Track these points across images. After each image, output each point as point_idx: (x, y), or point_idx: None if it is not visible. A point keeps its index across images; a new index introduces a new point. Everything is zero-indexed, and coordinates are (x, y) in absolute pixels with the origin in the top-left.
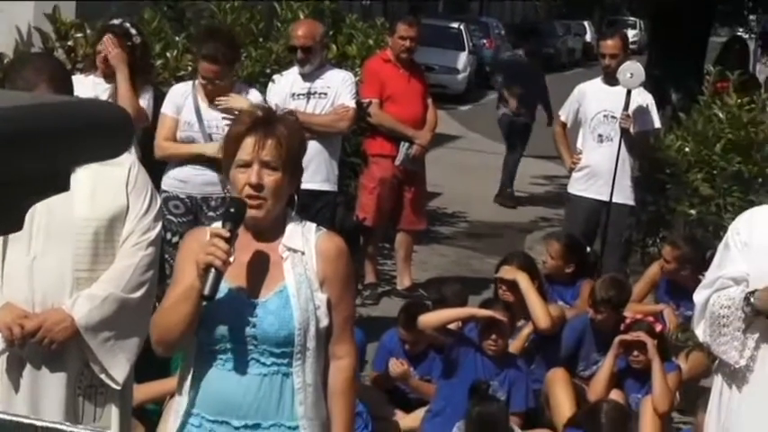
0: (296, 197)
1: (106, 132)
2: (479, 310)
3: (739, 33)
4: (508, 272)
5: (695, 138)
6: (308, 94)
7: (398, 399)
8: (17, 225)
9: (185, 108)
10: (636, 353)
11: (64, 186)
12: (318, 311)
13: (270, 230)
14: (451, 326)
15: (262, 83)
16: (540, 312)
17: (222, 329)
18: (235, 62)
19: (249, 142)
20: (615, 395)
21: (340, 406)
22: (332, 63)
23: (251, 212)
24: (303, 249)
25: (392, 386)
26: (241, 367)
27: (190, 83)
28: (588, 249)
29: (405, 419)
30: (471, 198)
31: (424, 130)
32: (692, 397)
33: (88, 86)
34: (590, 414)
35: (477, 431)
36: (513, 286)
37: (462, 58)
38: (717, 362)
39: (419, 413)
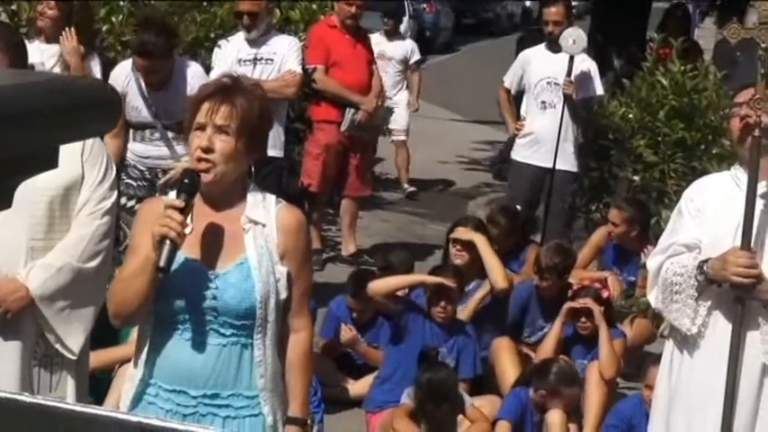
0: (252, 169)
1: (96, 110)
2: (428, 276)
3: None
4: (464, 232)
5: (639, 104)
6: (255, 60)
7: (346, 366)
8: (6, 203)
9: (130, 92)
10: (583, 319)
11: (52, 164)
12: (279, 284)
13: (228, 201)
14: (399, 292)
15: (206, 48)
16: (499, 273)
17: (181, 300)
18: (170, 52)
19: (205, 106)
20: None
21: (298, 378)
22: (276, 28)
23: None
24: (264, 222)
25: (340, 353)
26: (200, 338)
27: (129, 63)
28: (519, 208)
29: (353, 386)
30: (413, 163)
31: (369, 95)
32: (636, 363)
33: (35, 53)
34: (540, 369)
35: (427, 397)
36: (468, 246)
37: (403, 23)
38: (669, 327)
39: (367, 380)
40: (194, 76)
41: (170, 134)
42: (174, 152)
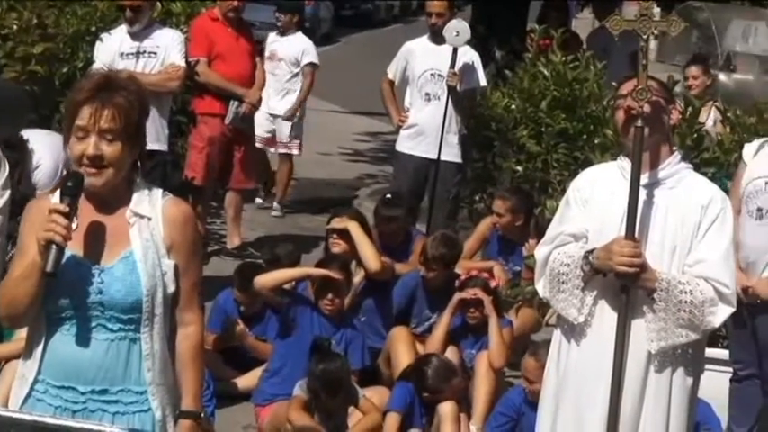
0: (139, 163)
1: (6, 110)
2: (315, 269)
3: None
4: (339, 222)
5: (521, 95)
6: (138, 54)
7: (234, 359)
8: None
9: None
10: (472, 309)
11: None
12: (165, 277)
13: (115, 197)
14: (286, 285)
15: (88, 41)
16: (371, 256)
17: (67, 296)
18: None
19: (86, 111)
20: (450, 352)
21: (190, 372)
22: (158, 21)
23: (89, 180)
24: (150, 215)
25: (228, 347)
26: (87, 333)
27: None
28: (389, 196)
29: (241, 380)
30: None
31: (252, 88)
32: (522, 352)
33: None
34: (417, 366)
35: (321, 387)
36: (343, 235)
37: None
38: (555, 316)
39: (255, 373)
40: None
41: None
42: None
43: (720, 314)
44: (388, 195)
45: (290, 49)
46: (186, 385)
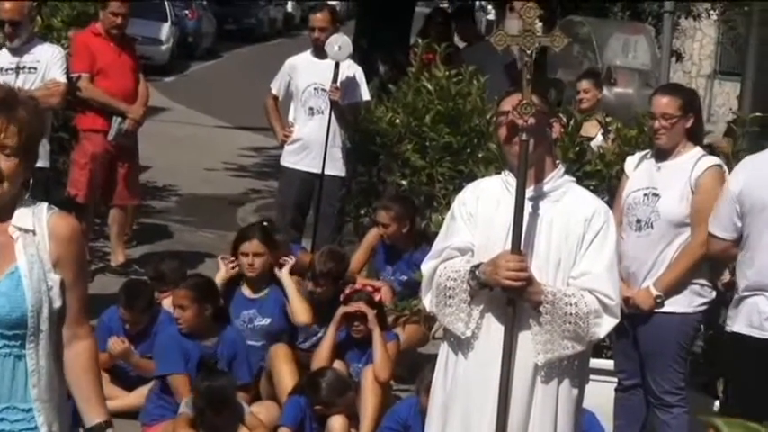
0: (30, 180)
1: None
2: None
3: (442, 5)
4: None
5: (405, 109)
6: (17, 69)
7: (119, 377)
8: None
9: None
10: (357, 323)
11: None
12: (51, 292)
13: (1, 213)
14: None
15: None
16: (301, 308)
17: None
18: None
19: None
20: (337, 366)
21: (91, 384)
22: (38, 36)
23: None
24: (35, 229)
25: (112, 365)
26: None
27: None
28: (265, 224)
29: (127, 398)
30: (180, 171)
31: (136, 104)
32: (409, 365)
33: None
34: (311, 380)
35: (206, 404)
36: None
37: (165, 29)
38: (443, 329)
39: (141, 391)
40: None
41: None
42: None
43: (605, 325)
44: (265, 222)
45: None
46: (91, 398)
